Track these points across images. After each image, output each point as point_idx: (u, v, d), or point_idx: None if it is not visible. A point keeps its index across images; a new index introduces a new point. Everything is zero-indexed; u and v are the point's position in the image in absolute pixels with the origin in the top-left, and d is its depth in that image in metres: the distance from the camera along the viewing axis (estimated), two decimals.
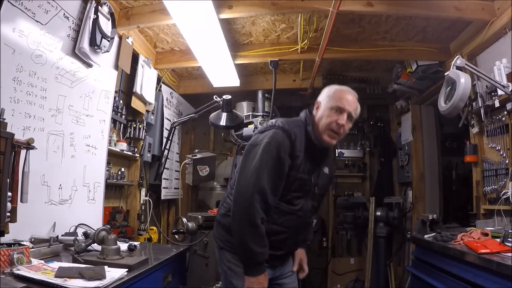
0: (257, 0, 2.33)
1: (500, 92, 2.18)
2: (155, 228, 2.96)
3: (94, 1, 2.13)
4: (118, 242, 1.63)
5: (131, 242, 1.84)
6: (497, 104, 2.22)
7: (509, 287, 1.36)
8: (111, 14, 2.29)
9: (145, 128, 2.99)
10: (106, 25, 2.22)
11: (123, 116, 2.73)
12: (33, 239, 1.64)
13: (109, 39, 2.24)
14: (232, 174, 1.75)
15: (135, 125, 2.87)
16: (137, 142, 2.98)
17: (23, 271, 1.20)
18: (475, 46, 2.49)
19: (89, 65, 2.21)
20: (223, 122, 2.66)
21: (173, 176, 3.67)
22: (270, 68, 3.12)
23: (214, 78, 3.35)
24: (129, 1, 2.43)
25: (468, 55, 2.55)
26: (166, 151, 3.17)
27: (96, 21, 2.12)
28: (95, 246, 1.63)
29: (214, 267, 2.55)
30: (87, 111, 2.22)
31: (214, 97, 2.66)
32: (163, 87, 3.46)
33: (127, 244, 1.78)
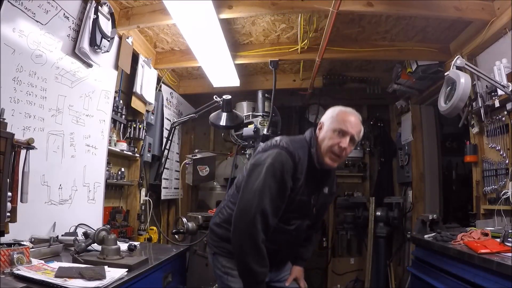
0: (257, 0, 2.33)
1: (500, 92, 2.18)
2: (155, 228, 2.96)
3: (94, 1, 2.13)
4: (118, 242, 1.63)
5: (131, 242, 1.84)
6: (497, 104, 2.22)
7: (509, 287, 1.36)
8: (111, 14, 2.29)
9: (145, 128, 2.99)
10: (106, 25, 2.22)
11: (123, 116, 2.73)
12: (33, 239, 1.64)
13: (109, 39, 2.24)
14: (230, 187, 1.74)
15: (135, 125, 2.87)
16: (137, 142, 2.98)
17: (23, 271, 1.20)
18: (475, 46, 2.49)
19: (89, 65, 2.21)
20: (223, 122, 2.65)
21: (173, 176, 3.67)
22: (270, 68, 3.12)
23: (214, 78, 3.35)
24: (129, 1, 2.43)
25: (468, 55, 2.55)
26: (166, 151, 3.17)
27: (96, 21, 2.12)
28: (95, 246, 1.63)
29: None
30: (87, 111, 2.22)
31: (214, 97, 2.66)
32: (163, 87, 3.46)
33: (127, 244, 1.78)
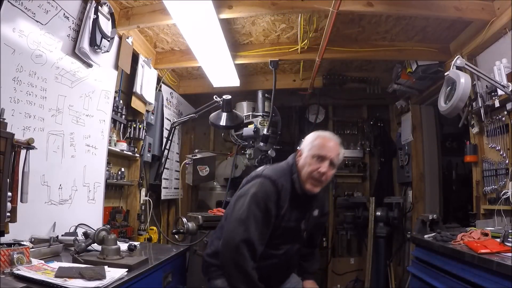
0: (257, 0, 2.33)
1: (500, 92, 2.18)
2: (155, 228, 2.96)
3: (94, 1, 2.13)
4: (118, 242, 1.63)
5: (131, 242, 1.84)
6: (497, 104, 2.22)
7: (509, 287, 1.36)
8: (111, 14, 2.29)
9: (145, 128, 2.99)
10: (106, 25, 2.22)
11: (123, 116, 2.73)
12: (33, 239, 1.64)
13: (109, 39, 2.24)
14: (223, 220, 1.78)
15: (135, 125, 2.87)
16: (137, 142, 2.98)
17: (23, 271, 1.20)
18: (475, 46, 2.49)
19: (89, 65, 2.21)
20: (223, 122, 2.66)
21: (173, 176, 3.67)
22: (270, 68, 3.12)
23: (214, 78, 3.35)
24: (129, 1, 2.43)
25: (468, 55, 2.55)
26: (166, 151, 3.17)
27: (96, 21, 2.11)
28: (95, 246, 1.63)
29: None
30: (87, 111, 2.22)
31: (214, 97, 2.66)
32: (163, 87, 3.46)
33: (127, 244, 1.78)
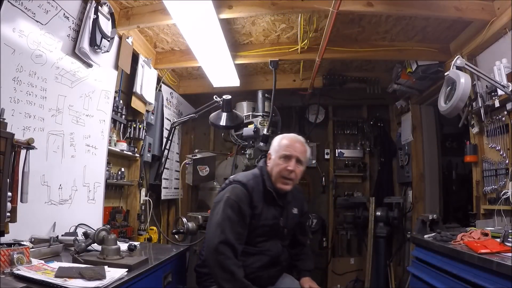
0: (257, 0, 2.33)
1: (500, 92, 2.18)
2: (155, 228, 2.96)
3: (94, 1, 2.13)
4: (118, 242, 1.62)
5: (131, 242, 1.83)
6: (497, 104, 2.22)
7: (509, 287, 1.36)
8: (111, 14, 2.29)
9: (145, 128, 2.99)
10: (106, 25, 2.22)
11: (123, 116, 2.73)
12: (33, 239, 1.64)
13: (109, 39, 2.24)
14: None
15: (135, 125, 2.87)
16: (137, 142, 2.98)
17: (23, 271, 1.20)
18: (475, 46, 2.49)
19: (89, 65, 2.21)
20: (223, 122, 2.65)
21: (173, 176, 3.67)
22: (270, 68, 3.12)
23: (214, 78, 3.35)
24: (129, 1, 2.43)
25: (468, 55, 2.55)
26: (166, 151, 3.17)
27: (96, 21, 2.11)
28: (95, 246, 1.63)
29: None
30: (87, 111, 2.22)
31: (214, 97, 2.66)
32: (163, 87, 3.46)
33: (127, 244, 1.78)
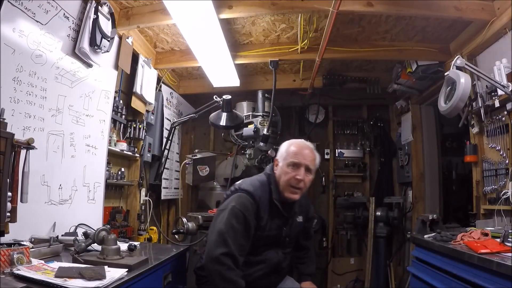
0: (257, 0, 2.33)
1: (500, 92, 2.18)
2: (155, 228, 2.96)
3: (94, 1, 2.13)
4: (118, 242, 1.62)
5: (131, 242, 1.83)
6: (497, 104, 2.22)
7: (509, 287, 1.36)
8: (111, 14, 2.29)
9: (145, 128, 2.99)
10: (106, 25, 2.22)
11: (123, 116, 2.73)
12: (33, 239, 1.64)
13: (109, 39, 2.24)
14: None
15: (135, 125, 2.87)
16: (137, 142, 2.98)
17: (23, 271, 1.20)
18: (475, 46, 2.49)
19: (89, 65, 2.21)
20: (223, 122, 2.65)
21: (173, 176, 3.67)
22: (270, 68, 3.12)
23: (214, 78, 3.35)
24: (129, 1, 2.43)
25: (468, 55, 2.55)
26: (166, 151, 3.17)
27: (96, 21, 2.11)
28: (95, 246, 1.63)
29: None
30: (87, 111, 2.22)
31: (214, 97, 2.66)
32: (163, 87, 3.46)
33: (127, 244, 1.78)
